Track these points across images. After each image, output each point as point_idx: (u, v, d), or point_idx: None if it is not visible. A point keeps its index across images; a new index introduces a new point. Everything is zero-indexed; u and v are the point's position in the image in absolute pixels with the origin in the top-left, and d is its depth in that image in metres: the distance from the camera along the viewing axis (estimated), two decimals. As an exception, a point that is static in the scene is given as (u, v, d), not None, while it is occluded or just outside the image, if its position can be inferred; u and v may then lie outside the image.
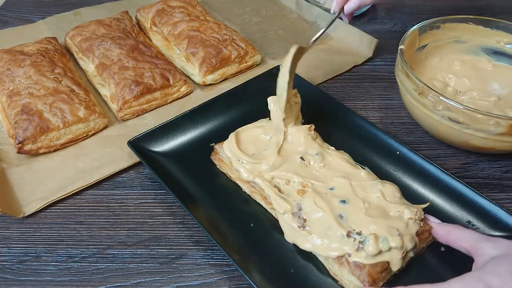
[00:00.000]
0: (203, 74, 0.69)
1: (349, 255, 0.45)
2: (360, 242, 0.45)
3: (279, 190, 0.51)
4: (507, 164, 0.60)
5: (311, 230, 0.47)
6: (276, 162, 0.53)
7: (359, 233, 0.45)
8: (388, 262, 0.45)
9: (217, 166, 0.58)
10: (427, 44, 0.68)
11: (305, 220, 0.48)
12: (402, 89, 0.60)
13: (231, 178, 0.56)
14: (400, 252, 0.45)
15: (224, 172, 0.57)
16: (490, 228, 0.50)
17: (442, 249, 0.48)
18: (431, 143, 0.63)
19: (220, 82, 0.72)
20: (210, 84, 0.71)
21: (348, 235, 0.45)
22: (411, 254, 0.46)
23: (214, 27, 0.75)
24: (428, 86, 0.54)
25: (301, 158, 0.53)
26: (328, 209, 0.47)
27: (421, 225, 0.47)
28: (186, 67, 0.72)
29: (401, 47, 0.60)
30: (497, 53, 0.68)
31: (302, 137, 0.55)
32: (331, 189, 0.50)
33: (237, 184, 0.56)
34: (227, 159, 0.55)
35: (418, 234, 0.47)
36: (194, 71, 0.70)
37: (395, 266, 0.45)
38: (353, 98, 0.70)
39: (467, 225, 0.51)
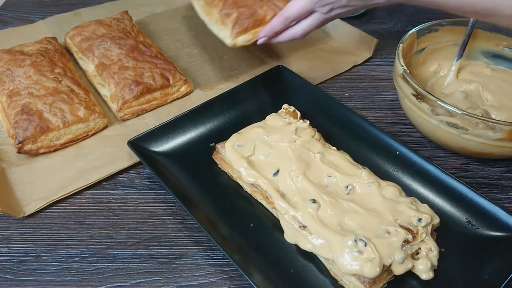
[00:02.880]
0: (234, 36, 0.64)
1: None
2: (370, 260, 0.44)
3: (283, 193, 0.51)
4: (507, 164, 0.60)
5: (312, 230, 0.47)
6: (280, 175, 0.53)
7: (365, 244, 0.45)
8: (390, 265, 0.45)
9: (218, 166, 0.58)
10: (425, 47, 0.68)
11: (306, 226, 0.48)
12: (400, 93, 0.60)
13: (232, 177, 0.56)
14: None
15: (226, 171, 0.57)
16: (490, 228, 0.50)
17: (442, 249, 0.48)
18: (431, 143, 0.63)
19: (220, 82, 0.71)
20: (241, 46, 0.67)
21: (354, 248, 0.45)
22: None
23: None
24: (426, 91, 0.54)
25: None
26: (332, 225, 0.47)
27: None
28: (218, 33, 0.67)
29: (398, 50, 0.60)
30: (496, 57, 0.68)
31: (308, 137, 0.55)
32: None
33: (238, 183, 0.56)
34: (230, 154, 0.55)
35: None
36: (227, 33, 0.65)
37: (397, 272, 0.45)
38: (353, 98, 0.70)
39: (467, 225, 0.51)
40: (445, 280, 0.46)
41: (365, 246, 0.44)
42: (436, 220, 0.49)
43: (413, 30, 0.64)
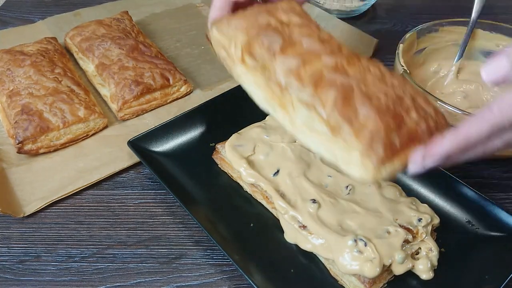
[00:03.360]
0: (375, 166, 0.37)
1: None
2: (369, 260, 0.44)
3: (283, 193, 0.51)
4: (507, 164, 0.60)
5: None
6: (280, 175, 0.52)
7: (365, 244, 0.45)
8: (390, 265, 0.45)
9: (218, 166, 0.58)
10: (425, 47, 0.68)
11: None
12: (401, 91, 0.60)
13: (232, 177, 0.56)
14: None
15: (226, 171, 0.57)
16: (490, 228, 0.50)
17: (442, 249, 0.48)
18: (431, 143, 0.63)
19: (220, 82, 0.71)
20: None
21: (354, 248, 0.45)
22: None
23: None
24: (426, 91, 0.54)
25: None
26: (332, 225, 0.47)
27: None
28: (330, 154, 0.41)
29: (398, 51, 0.60)
30: None
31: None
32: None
33: (238, 183, 0.56)
34: (230, 155, 0.55)
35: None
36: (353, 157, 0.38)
37: (397, 272, 0.45)
38: (353, 98, 0.70)
39: (467, 225, 0.51)
40: (445, 280, 0.46)
41: (365, 246, 0.44)
42: (436, 220, 0.49)
43: (413, 30, 0.64)
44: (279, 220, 0.51)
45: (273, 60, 0.40)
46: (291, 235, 0.49)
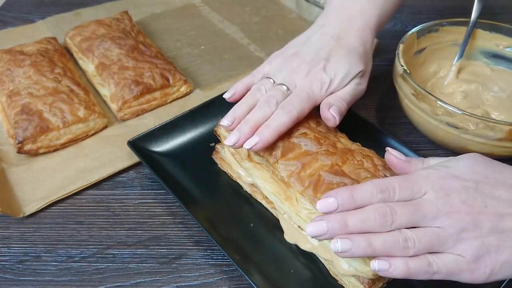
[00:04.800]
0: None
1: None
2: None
3: None
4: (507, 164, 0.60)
5: None
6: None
7: None
8: None
9: (218, 166, 0.58)
10: (425, 47, 0.68)
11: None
12: (400, 94, 0.60)
13: (232, 177, 0.56)
14: None
15: (226, 171, 0.57)
16: (490, 228, 0.50)
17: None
18: (431, 143, 0.63)
19: (220, 82, 0.72)
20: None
21: None
22: None
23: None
24: (426, 91, 0.54)
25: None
26: None
27: None
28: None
29: (398, 50, 0.60)
30: (496, 57, 0.68)
31: None
32: None
33: (238, 183, 0.56)
34: (229, 156, 0.55)
35: None
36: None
37: None
38: (353, 98, 0.70)
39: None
40: (445, 280, 0.46)
41: None
42: None
43: (413, 30, 0.64)
44: (279, 220, 0.51)
45: (276, 163, 0.46)
46: (291, 235, 0.49)
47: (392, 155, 0.44)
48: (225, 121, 0.49)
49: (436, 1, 0.94)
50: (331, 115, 0.48)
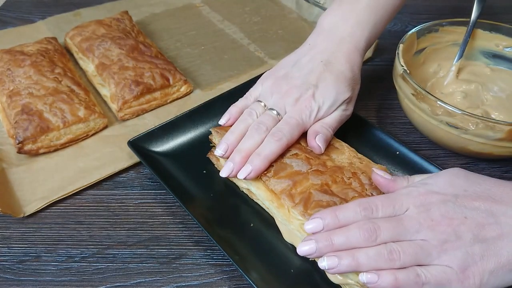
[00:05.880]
0: None
1: None
2: None
3: None
4: (507, 164, 0.60)
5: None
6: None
7: None
8: None
9: (215, 166, 0.58)
10: (425, 47, 0.68)
11: None
12: (400, 94, 0.60)
13: (228, 177, 0.56)
14: None
15: (222, 171, 0.57)
16: (490, 228, 0.50)
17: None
18: (431, 143, 0.63)
19: (220, 82, 0.72)
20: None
21: None
22: None
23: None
24: (426, 91, 0.54)
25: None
26: None
27: None
28: None
29: (398, 50, 0.60)
30: (496, 57, 0.68)
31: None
32: None
33: (235, 183, 0.56)
34: (223, 160, 0.55)
35: None
36: None
37: None
38: (353, 98, 0.70)
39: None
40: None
41: None
42: None
43: (413, 30, 0.64)
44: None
45: (268, 181, 0.49)
46: (287, 235, 0.49)
47: (378, 175, 0.46)
48: (219, 150, 0.51)
49: (436, 1, 0.94)
50: (317, 145, 0.51)
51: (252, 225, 0.51)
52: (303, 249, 0.41)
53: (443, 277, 0.38)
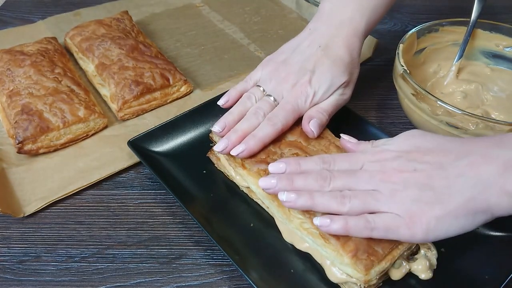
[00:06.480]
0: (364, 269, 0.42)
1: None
2: None
3: None
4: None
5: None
6: None
7: None
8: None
9: (215, 165, 0.58)
10: (425, 47, 0.68)
11: None
12: (400, 94, 0.60)
13: (228, 177, 0.56)
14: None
15: (222, 170, 0.57)
16: (490, 228, 0.50)
17: (442, 249, 0.48)
18: (431, 143, 0.63)
19: (220, 82, 0.72)
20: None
21: None
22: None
23: None
24: (426, 91, 0.54)
25: None
26: None
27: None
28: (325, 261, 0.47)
29: (398, 50, 0.60)
30: (496, 57, 0.68)
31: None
32: None
33: (235, 183, 0.56)
34: (223, 159, 0.55)
35: None
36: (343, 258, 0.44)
37: (395, 277, 0.45)
38: (353, 98, 0.70)
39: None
40: (444, 280, 0.46)
41: None
42: None
43: (413, 30, 0.64)
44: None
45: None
46: (287, 234, 0.49)
47: (344, 139, 0.50)
48: (216, 127, 0.53)
49: (436, 1, 0.94)
50: (310, 129, 0.52)
51: (252, 225, 0.51)
52: (264, 182, 0.45)
53: (392, 223, 0.41)
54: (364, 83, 0.73)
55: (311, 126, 0.52)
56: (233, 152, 0.50)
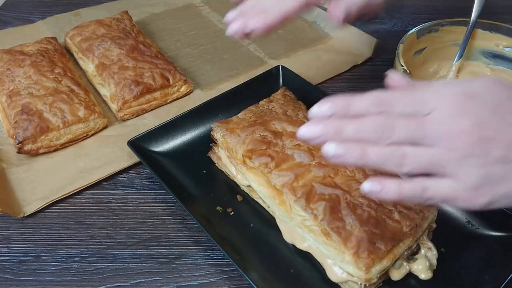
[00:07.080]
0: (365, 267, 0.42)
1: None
2: None
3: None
4: None
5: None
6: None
7: None
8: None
9: (215, 165, 0.58)
10: (425, 47, 0.68)
11: None
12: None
13: (229, 176, 0.56)
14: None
15: (223, 170, 0.57)
16: (490, 228, 0.50)
17: (442, 249, 0.48)
18: (431, 143, 0.63)
19: (220, 82, 0.72)
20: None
21: None
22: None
23: None
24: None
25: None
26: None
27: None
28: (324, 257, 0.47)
29: (398, 50, 0.60)
30: (496, 57, 0.68)
31: None
32: None
33: (235, 182, 0.56)
34: (224, 158, 0.55)
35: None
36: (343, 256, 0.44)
37: (395, 278, 0.45)
38: (353, 98, 0.70)
39: (467, 225, 0.51)
40: (444, 280, 0.46)
41: None
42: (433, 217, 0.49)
43: (413, 30, 0.64)
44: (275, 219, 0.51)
45: (270, 173, 0.48)
46: (287, 234, 0.49)
47: (393, 79, 0.39)
48: (230, 13, 0.49)
49: (436, 1, 0.94)
50: (337, 11, 0.47)
51: (252, 225, 0.51)
52: (306, 130, 0.34)
53: (451, 193, 0.34)
54: (364, 83, 0.73)
55: (339, 7, 0.47)
56: (250, 25, 0.47)
